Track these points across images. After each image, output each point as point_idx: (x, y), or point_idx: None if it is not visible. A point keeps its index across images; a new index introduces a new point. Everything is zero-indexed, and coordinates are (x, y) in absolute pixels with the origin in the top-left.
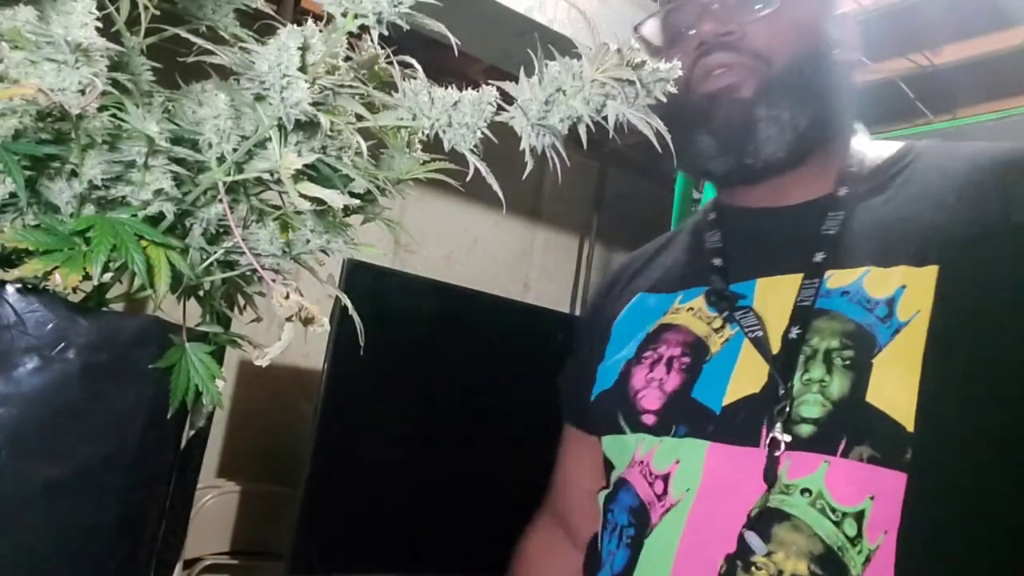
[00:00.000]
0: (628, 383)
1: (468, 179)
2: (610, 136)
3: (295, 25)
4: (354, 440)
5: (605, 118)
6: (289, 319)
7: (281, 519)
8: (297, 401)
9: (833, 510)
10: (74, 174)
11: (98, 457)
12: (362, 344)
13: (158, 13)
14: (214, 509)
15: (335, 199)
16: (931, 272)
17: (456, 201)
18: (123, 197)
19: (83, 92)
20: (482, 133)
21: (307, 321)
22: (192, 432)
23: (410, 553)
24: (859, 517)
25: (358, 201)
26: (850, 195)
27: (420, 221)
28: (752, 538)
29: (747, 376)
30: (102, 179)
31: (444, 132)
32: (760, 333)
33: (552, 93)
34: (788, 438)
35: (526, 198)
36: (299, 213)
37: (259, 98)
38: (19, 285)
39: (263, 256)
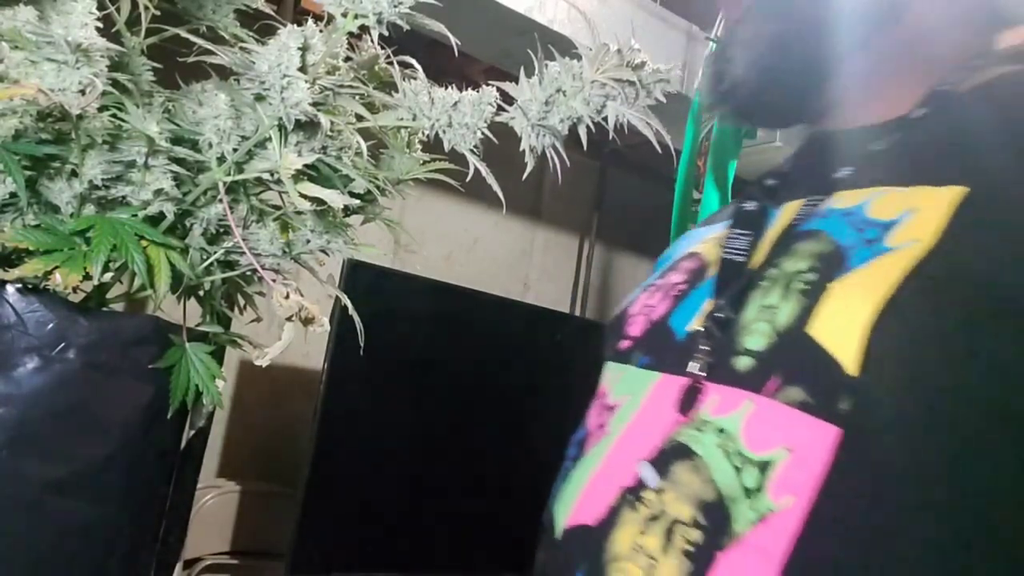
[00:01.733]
0: (627, 309)
1: (468, 179)
2: (610, 136)
3: (295, 25)
4: (354, 440)
5: (605, 118)
6: (289, 319)
7: (281, 519)
8: (297, 401)
9: (739, 455)
10: (74, 174)
11: (98, 457)
12: (362, 344)
13: (158, 13)
14: (214, 509)
15: (335, 199)
16: (952, 195)
17: (456, 201)
18: (123, 197)
19: (83, 92)
20: (482, 133)
21: (307, 321)
22: (192, 432)
23: (410, 553)
24: (764, 468)
25: (358, 201)
26: (927, 116)
27: (420, 221)
28: (646, 470)
29: None
30: (102, 179)
31: (444, 132)
32: (736, 256)
33: (552, 93)
34: (712, 360)
35: (526, 198)
36: (299, 213)
37: (259, 98)
38: (19, 285)
39: (263, 256)
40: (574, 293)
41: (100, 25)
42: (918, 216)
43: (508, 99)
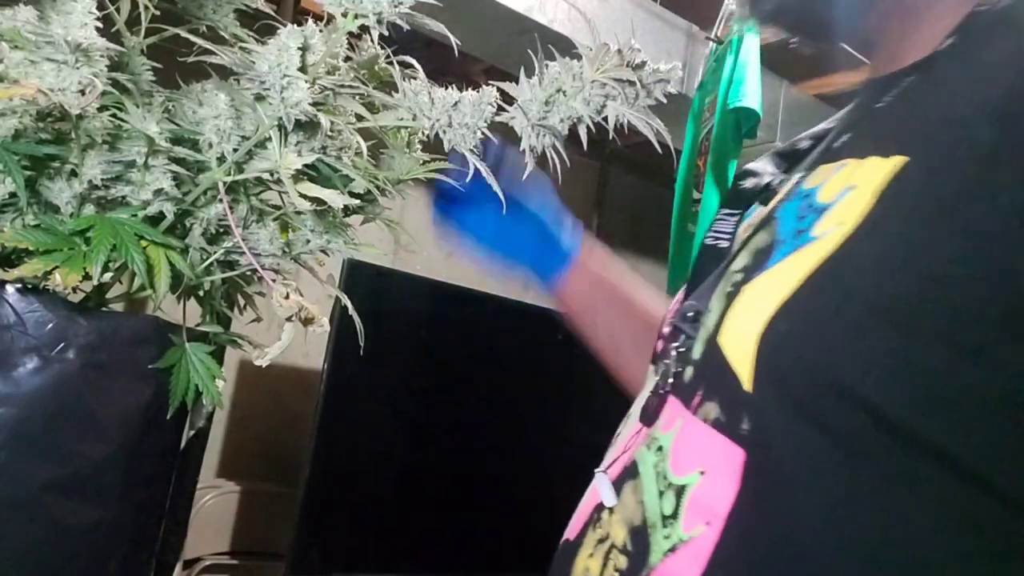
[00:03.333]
0: (674, 301)
1: (468, 179)
2: (610, 136)
3: (295, 25)
4: (354, 440)
5: (605, 118)
6: (289, 319)
7: (281, 519)
8: (297, 401)
9: (664, 477)
10: (74, 174)
11: (98, 457)
12: (362, 344)
13: (158, 13)
14: (214, 509)
15: (335, 199)
16: (890, 166)
17: None
18: (123, 197)
19: (83, 92)
20: (482, 133)
21: (307, 321)
22: (192, 432)
23: (410, 553)
24: (680, 492)
25: (358, 201)
26: (951, 49)
27: (420, 221)
28: (605, 488)
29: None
30: (102, 179)
31: (444, 132)
32: (720, 242)
33: (552, 93)
34: (678, 368)
35: None
36: (299, 213)
37: (259, 98)
38: (19, 285)
39: (263, 256)
40: None
41: (100, 25)
42: (852, 195)
43: (508, 99)
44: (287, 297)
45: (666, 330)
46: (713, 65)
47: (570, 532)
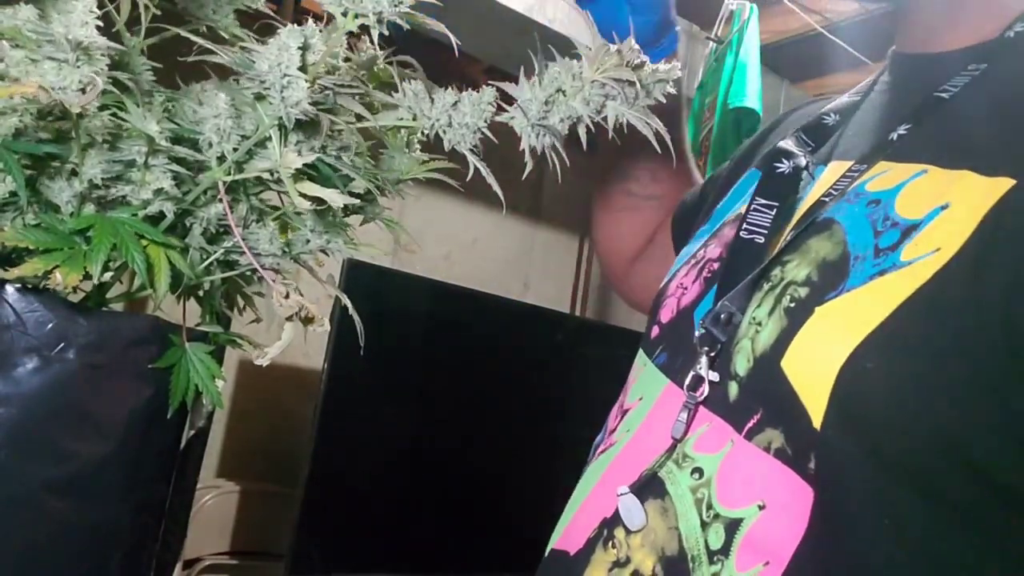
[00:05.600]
0: (667, 286)
1: (468, 179)
2: (610, 137)
3: (295, 25)
4: (354, 440)
5: (605, 118)
6: (289, 319)
7: (281, 519)
8: (297, 401)
9: (709, 506)
10: (74, 173)
11: (98, 457)
12: (362, 344)
13: (158, 13)
14: (214, 509)
15: (335, 199)
16: (994, 189)
17: (456, 201)
18: (123, 196)
19: (84, 91)
20: (482, 133)
21: (307, 321)
22: (192, 432)
23: (410, 553)
24: (733, 528)
25: (358, 201)
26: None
27: (420, 221)
28: (632, 511)
29: None
30: (102, 178)
31: (444, 132)
32: (756, 237)
33: (552, 93)
34: (713, 377)
35: (526, 198)
36: (299, 213)
37: (259, 98)
38: (19, 285)
39: (263, 256)
40: (574, 293)
41: (100, 24)
42: (948, 216)
43: (508, 99)
44: (287, 297)
45: (668, 317)
46: (713, 65)
47: (567, 544)
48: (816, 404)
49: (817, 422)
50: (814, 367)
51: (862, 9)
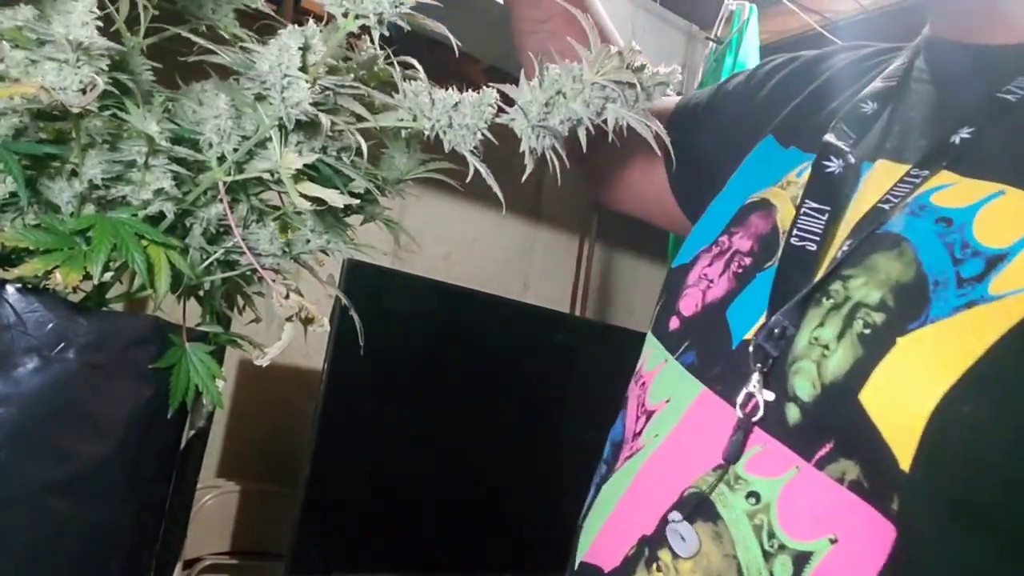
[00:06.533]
0: (687, 274)
1: (468, 179)
2: (610, 139)
3: (295, 25)
4: (354, 440)
5: (605, 120)
6: (289, 319)
7: (281, 519)
8: (297, 401)
9: (772, 535)
10: (74, 174)
11: (98, 457)
12: (362, 344)
13: (157, 13)
14: (214, 509)
15: (335, 199)
16: None
17: (456, 201)
18: (123, 197)
19: (84, 91)
20: (482, 134)
21: (307, 321)
22: (192, 432)
23: (410, 553)
24: (801, 561)
25: (358, 201)
26: None
27: (420, 221)
28: (670, 529)
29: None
30: (102, 179)
31: (444, 133)
32: (807, 243)
33: (552, 95)
34: (768, 397)
35: (526, 198)
36: (299, 213)
37: (260, 98)
38: (19, 285)
39: (263, 256)
40: (574, 293)
41: (100, 24)
42: None
43: (508, 100)
44: (287, 297)
45: (691, 311)
46: (713, 65)
47: (599, 558)
48: (904, 445)
49: (905, 464)
50: (902, 406)
51: (862, 9)
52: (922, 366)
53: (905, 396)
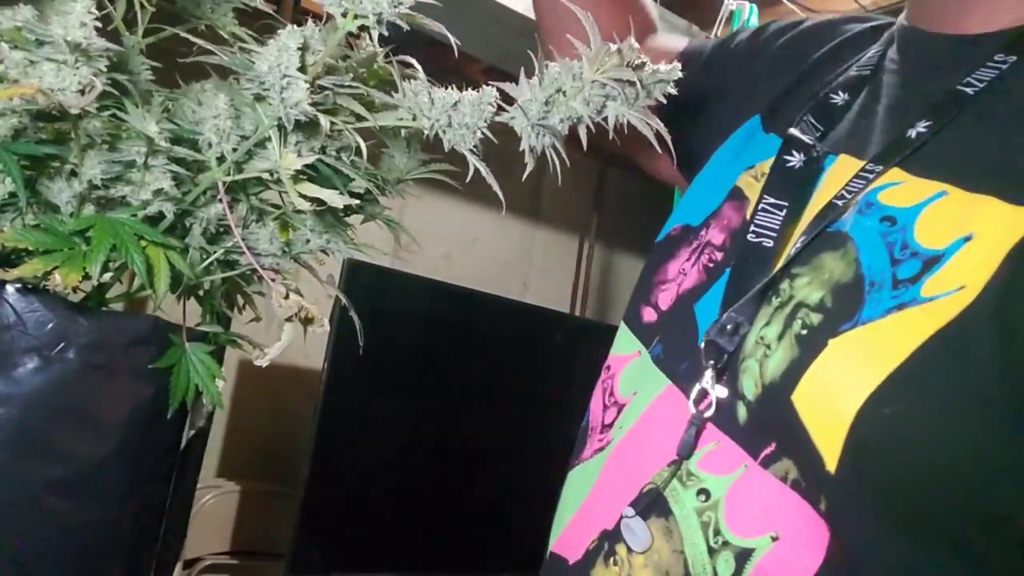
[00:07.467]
0: (665, 264)
1: (468, 179)
2: (610, 137)
3: (295, 25)
4: (354, 440)
5: (605, 119)
6: (289, 319)
7: (281, 519)
8: (297, 401)
9: (717, 532)
10: (74, 174)
11: (98, 457)
12: (362, 344)
13: (154, 10)
14: (214, 509)
15: (335, 199)
16: (1022, 218)
17: (456, 201)
18: (123, 197)
19: (82, 92)
20: (482, 133)
21: (307, 321)
22: (192, 432)
23: (410, 553)
24: (743, 558)
25: (358, 201)
26: None
27: (420, 221)
28: (637, 533)
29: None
30: (102, 179)
31: (444, 132)
32: (764, 240)
33: (552, 94)
34: (721, 393)
35: (526, 198)
36: (299, 213)
37: (259, 98)
38: (19, 285)
39: (263, 256)
40: (574, 293)
41: (99, 24)
42: (972, 249)
43: (508, 99)
44: (287, 297)
45: (667, 304)
46: None
47: (565, 549)
48: (830, 447)
49: (831, 465)
50: (828, 408)
51: (861, 9)
52: (849, 368)
53: (832, 398)
